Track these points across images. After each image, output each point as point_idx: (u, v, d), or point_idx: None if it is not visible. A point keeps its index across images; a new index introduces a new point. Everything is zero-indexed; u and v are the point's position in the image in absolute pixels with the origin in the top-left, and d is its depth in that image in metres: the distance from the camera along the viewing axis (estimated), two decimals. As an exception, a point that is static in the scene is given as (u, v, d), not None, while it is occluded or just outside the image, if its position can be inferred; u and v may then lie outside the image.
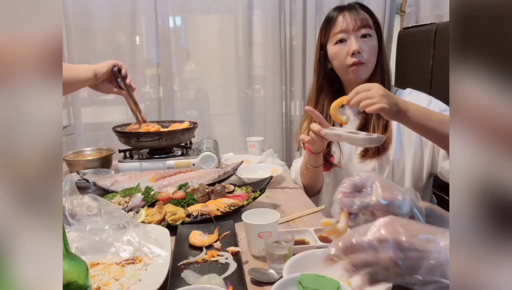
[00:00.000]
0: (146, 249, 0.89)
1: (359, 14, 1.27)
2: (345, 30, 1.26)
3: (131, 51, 2.19)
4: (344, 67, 1.29)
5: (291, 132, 2.43)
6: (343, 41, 1.27)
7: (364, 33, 1.26)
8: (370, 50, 1.27)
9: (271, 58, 2.27)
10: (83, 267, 0.59)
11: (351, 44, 1.25)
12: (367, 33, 1.26)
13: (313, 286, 0.67)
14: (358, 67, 1.27)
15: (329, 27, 1.31)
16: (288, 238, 0.84)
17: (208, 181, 1.36)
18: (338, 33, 1.28)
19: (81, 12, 2.08)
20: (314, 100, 1.42)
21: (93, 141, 2.19)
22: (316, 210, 1.20)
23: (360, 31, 1.26)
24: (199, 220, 1.07)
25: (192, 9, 2.22)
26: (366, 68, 1.27)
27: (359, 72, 1.28)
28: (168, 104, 2.26)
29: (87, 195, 1.07)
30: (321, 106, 1.40)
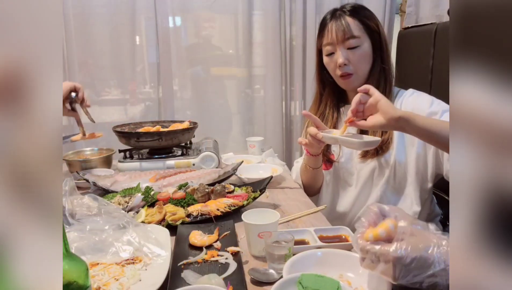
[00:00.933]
0: (146, 249, 0.89)
1: (343, 25, 1.24)
2: (332, 43, 1.26)
3: (130, 51, 2.19)
4: (336, 76, 1.31)
5: (291, 132, 2.43)
6: (331, 54, 1.28)
7: (350, 45, 1.24)
8: (358, 60, 1.25)
9: (271, 58, 2.27)
10: (83, 267, 0.59)
11: (338, 58, 1.25)
12: (354, 45, 1.24)
13: (313, 286, 0.67)
14: (346, 79, 1.28)
15: (321, 35, 1.31)
16: (288, 238, 0.84)
17: (208, 181, 1.36)
18: (327, 45, 1.28)
19: (81, 12, 2.08)
20: (317, 103, 1.43)
21: (93, 141, 2.19)
22: (316, 210, 1.20)
23: (347, 43, 1.24)
24: (199, 220, 1.07)
25: (192, 9, 2.22)
26: (355, 78, 1.27)
27: (348, 83, 1.29)
28: (168, 104, 2.26)
29: (87, 195, 1.07)
30: (323, 109, 1.40)
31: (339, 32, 1.24)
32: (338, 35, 1.24)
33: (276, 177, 1.45)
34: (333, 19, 1.27)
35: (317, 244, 0.91)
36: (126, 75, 2.21)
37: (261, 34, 2.28)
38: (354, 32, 1.24)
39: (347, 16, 1.25)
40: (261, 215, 0.96)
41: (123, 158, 1.62)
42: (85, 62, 2.16)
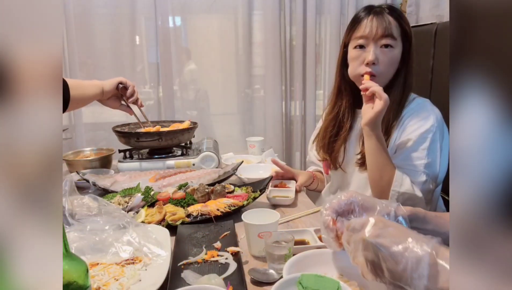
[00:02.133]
0: (146, 249, 0.89)
1: (384, 22, 1.17)
2: (366, 36, 1.18)
3: (130, 51, 2.19)
4: (356, 74, 1.22)
5: (291, 132, 2.43)
6: (362, 47, 1.20)
7: (385, 43, 1.17)
8: (388, 62, 1.19)
9: (271, 58, 2.27)
10: (83, 267, 0.59)
11: (368, 53, 1.17)
12: (389, 44, 1.17)
13: (313, 286, 0.67)
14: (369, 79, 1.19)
15: (353, 28, 1.23)
16: (288, 238, 0.84)
17: (208, 181, 1.36)
18: (359, 38, 1.20)
19: (81, 12, 2.08)
20: (333, 101, 1.37)
21: (93, 141, 2.19)
22: (316, 210, 1.20)
23: (382, 41, 1.17)
24: (199, 220, 1.07)
25: (192, 9, 2.22)
26: (378, 81, 1.17)
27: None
28: (168, 104, 2.26)
29: (88, 196, 1.07)
30: (338, 107, 1.34)
31: (380, 27, 1.17)
32: (378, 30, 1.17)
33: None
34: (373, 13, 1.19)
35: (317, 244, 0.91)
36: (126, 75, 2.18)
37: (261, 34, 2.28)
38: (394, 32, 1.18)
39: (388, 15, 1.19)
40: (261, 215, 0.96)
41: (123, 158, 1.62)
42: (85, 62, 2.16)
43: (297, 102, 2.38)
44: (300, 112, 2.39)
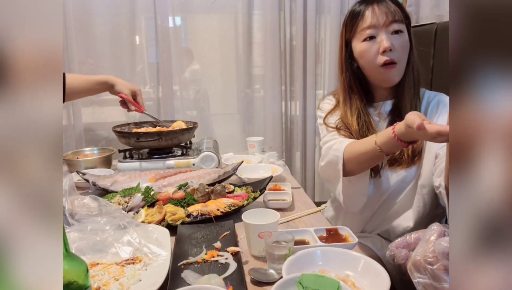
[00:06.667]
0: (146, 249, 0.89)
1: (389, 7, 1.14)
2: (374, 25, 1.13)
3: (130, 51, 2.19)
4: (374, 67, 1.16)
5: (291, 132, 2.43)
6: (372, 38, 1.15)
7: (396, 28, 1.13)
8: (402, 48, 1.15)
9: (271, 58, 2.27)
10: (83, 267, 0.59)
11: (382, 41, 1.13)
12: (399, 29, 1.14)
13: (313, 286, 0.67)
14: (391, 68, 1.15)
15: (356, 22, 1.18)
16: (288, 238, 0.84)
17: (208, 181, 1.36)
18: (367, 28, 1.15)
19: (81, 12, 2.07)
20: (344, 102, 1.27)
21: (93, 141, 2.19)
22: (316, 210, 1.20)
23: (392, 27, 1.13)
24: (199, 220, 1.07)
25: (191, 9, 2.22)
26: (398, 69, 1.15)
27: (391, 74, 1.17)
28: (168, 104, 2.26)
29: (88, 196, 1.07)
30: (351, 107, 1.26)
31: (388, 13, 1.13)
32: (387, 16, 1.13)
33: (276, 177, 1.45)
34: (374, 2, 1.16)
35: (317, 244, 0.91)
36: (126, 75, 2.20)
37: (261, 34, 2.28)
38: (400, 15, 1.15)
39: (389, 1, 1.17)
40: (261, 215, 0.96)
41: (123, 158, 1.62)
42: (85, 62, 2.16)
43: (297, 102, 2.38)
44: (300, 112, 2.38)
